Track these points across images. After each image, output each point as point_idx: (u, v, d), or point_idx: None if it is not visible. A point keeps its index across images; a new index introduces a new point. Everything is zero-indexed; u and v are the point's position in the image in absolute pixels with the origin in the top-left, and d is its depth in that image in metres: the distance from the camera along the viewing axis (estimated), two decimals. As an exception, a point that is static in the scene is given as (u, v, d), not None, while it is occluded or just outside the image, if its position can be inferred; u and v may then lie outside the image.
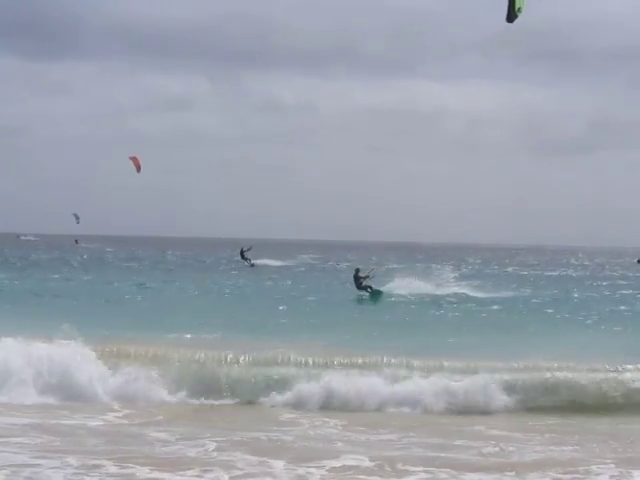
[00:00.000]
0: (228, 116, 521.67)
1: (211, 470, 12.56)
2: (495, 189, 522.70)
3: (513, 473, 12.81)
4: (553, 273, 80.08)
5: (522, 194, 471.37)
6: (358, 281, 41.82)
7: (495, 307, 38.41)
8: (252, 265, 72.92)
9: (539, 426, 16.63)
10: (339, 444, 14.58)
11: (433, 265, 77.56)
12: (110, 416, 16.57)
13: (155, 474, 12.29)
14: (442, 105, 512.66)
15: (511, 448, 14.53)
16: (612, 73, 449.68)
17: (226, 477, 12.31)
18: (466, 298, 41.95)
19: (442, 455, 13.87)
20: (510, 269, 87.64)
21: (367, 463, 13.13)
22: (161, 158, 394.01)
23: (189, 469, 12.52)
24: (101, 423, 15.91)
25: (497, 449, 14.44)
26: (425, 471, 12.81)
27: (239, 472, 12.55)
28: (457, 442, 14.92)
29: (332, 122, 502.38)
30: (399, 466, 12.99)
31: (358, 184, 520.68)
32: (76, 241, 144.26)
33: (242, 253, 75.27)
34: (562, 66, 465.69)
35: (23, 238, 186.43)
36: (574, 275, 76.97)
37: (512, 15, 10.53)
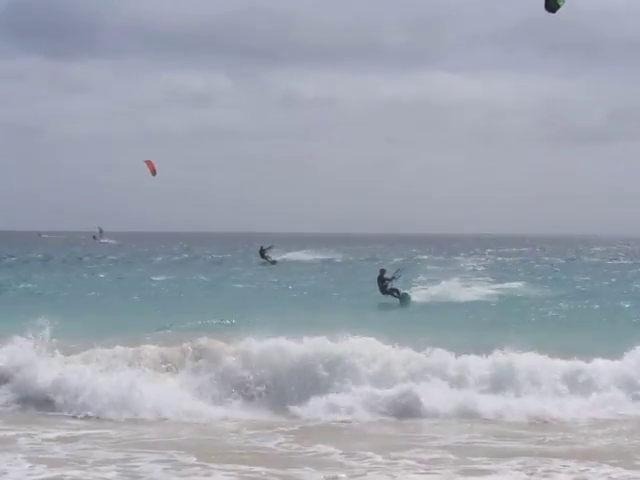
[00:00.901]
0: (248, 111, 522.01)
1: None
2: (515, 179, 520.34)
3: None
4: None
5: (542, 184, 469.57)
6: (383, 283, 36.07)
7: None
8: (274, 262, 70.74)
9: None
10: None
11: (462, 258, 76.21)
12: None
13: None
14: (461, 97, 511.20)
15: None
16: (632, 63, 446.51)
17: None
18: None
19: None
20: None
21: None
22: (181, 154, 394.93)
23: None
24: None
25: None
26: None
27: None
28: None
29: (351, 115, 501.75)
30: None
31: (377, 177, 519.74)
32: (94, 237, 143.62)
33: (262, 252, 72.96)
34: (582, 56, 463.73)
35: (44, 236, 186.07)
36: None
37: (552, 4, 10.56)
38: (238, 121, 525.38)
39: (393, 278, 36.21)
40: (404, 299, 35.54)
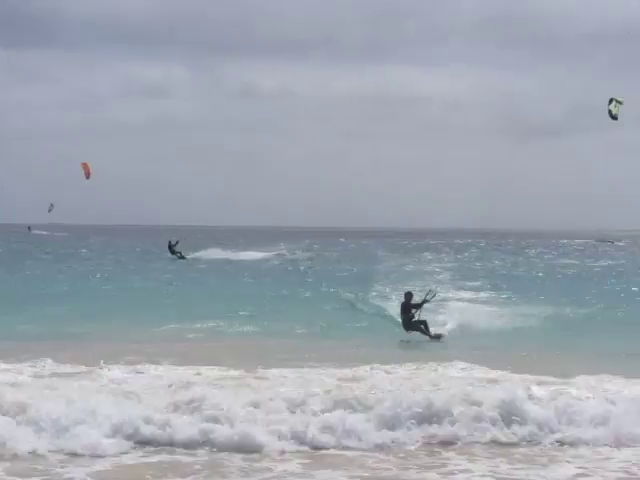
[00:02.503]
0: (204, 103, 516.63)
1: None
2: (470, 174, 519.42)
3: None
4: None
5: (500, 178, 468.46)
6: (408, 314, 25.50)
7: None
8: (182, 258, 66.75)
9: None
10: None
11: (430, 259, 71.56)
12: None
13: None
14: (418, 90, 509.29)
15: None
16: (588, 58, 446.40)
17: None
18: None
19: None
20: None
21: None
22: (136, 146, 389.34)
23: None
24: None
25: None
26: None
27: None
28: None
29: (307, 109, 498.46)
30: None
31: (332, 170, 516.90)
32: (29, 228, 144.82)
33: (170, 247, 69.08)
34: (539, 51, 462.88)
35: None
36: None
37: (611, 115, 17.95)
38: (194, 113, 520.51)
39: (424, 302, 25.60)
40: (438, 337, 25.22)
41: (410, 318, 25.33)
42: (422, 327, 25.20)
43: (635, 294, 41.16)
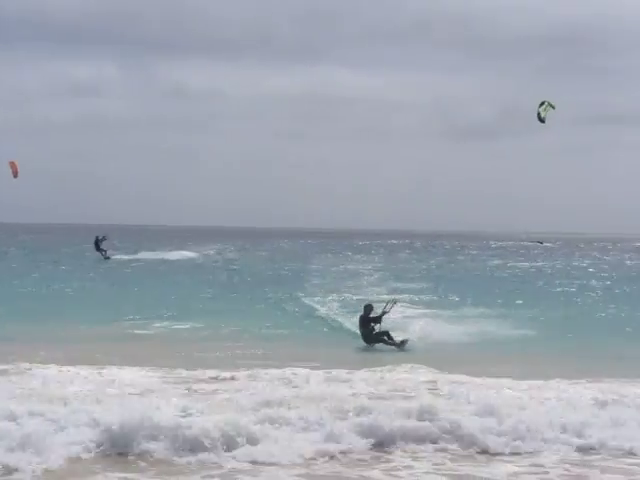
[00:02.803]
0: (136, 102, 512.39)
1: None
2: (403, 175, 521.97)
3: None
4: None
5: (434, 179, 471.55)
6: (368, 327, 24.44)
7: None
8: (107, 258, 63.45)
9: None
10: None
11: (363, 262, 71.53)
12: None
13: None
14: (356, 91, 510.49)
15: None
16: (520, 60, 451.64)
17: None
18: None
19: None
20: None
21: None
22: (66, 144, 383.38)
23: None
24: None
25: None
26: None
27: None
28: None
29: (240, 108, 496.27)
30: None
31: (266, 170, 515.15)
32: None
33: (97, 243, 65.25)
34: (474, 54, 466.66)
35: None
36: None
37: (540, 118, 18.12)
38: (125, 111, 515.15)
39: (384, 314, 24.50)
40: (404, 344, 24.06)
41: (370, 331, 24.28)
42: (385, 338, 24.07)
43: (572, 294, 42.13)
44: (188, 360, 19.77)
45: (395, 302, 25.53)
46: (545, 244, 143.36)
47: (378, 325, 24.27)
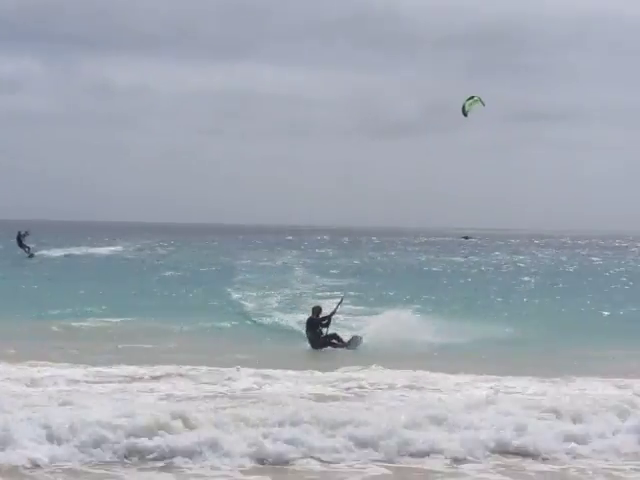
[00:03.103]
0: (58, 98, 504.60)
1: None
2: (326, 172, 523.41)
3: None
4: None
5: (358, 176, 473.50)
6: (316, 330, 22.86)
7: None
8: (31, 255, 60.29)
9: None
10: None
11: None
12: None
13: None
14: (277, 88, 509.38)
15: None
16: (443, 57, 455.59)
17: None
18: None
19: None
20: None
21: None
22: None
23: None
24: None
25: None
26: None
27: None
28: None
29: (164, 104, 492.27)
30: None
31: (189, 166, 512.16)
32: None
33: (19, 239, 61.08)
34: (399, 51, 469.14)
35: None
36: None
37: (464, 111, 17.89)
38: (49, 108, 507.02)
39: (333, 314, 23.00)
40: (356, 343, 22.84)
41: (318, 335, 22.64)
42: (334, 341, 22.72)
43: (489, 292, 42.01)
44: (110, 357, 19.35)
45: (342, 300, 23.99)
46: (470, 239, 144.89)
47: (325, 329, 22.75)
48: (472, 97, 19.79)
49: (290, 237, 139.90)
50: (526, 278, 51.63)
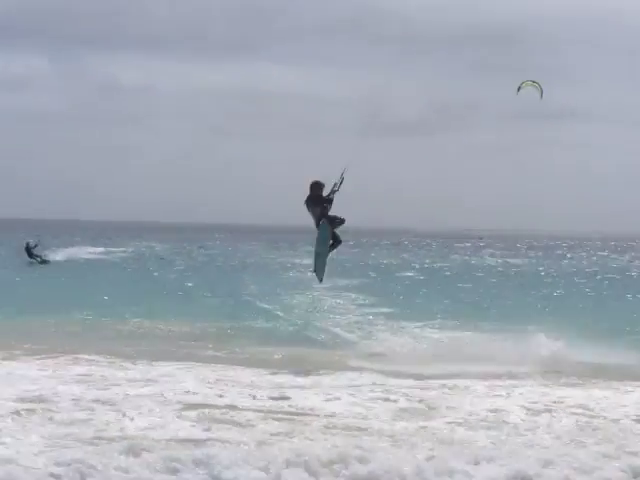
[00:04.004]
0: (68, 97, 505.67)
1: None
2: (336, 171, 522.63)
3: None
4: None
5: (361, 177, 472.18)
6: (319, 208, 19.60)
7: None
8: (44, 262, 57.19)
9: None
10: None
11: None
12: None
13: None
14: (289, 88, 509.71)
15: None
16: (452, 57, 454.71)
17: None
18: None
19: None
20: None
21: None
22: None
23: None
24: None
25: None
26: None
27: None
28: None
29: (174, 104, 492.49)
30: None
31: (202, 166, 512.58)
32: None
33: (28, 250, 58.17)
34: (405, 50, 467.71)
35: None
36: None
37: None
38: (57, 106, 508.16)
39: (333, 193, 19.42)
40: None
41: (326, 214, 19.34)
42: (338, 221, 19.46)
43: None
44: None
45: (342, 175, 19.57)
46: (481, 240, 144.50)
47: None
48: (534, 81, 18.85)
49: (299, 237, 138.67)
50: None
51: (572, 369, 19.30)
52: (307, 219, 19.38)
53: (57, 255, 63.17)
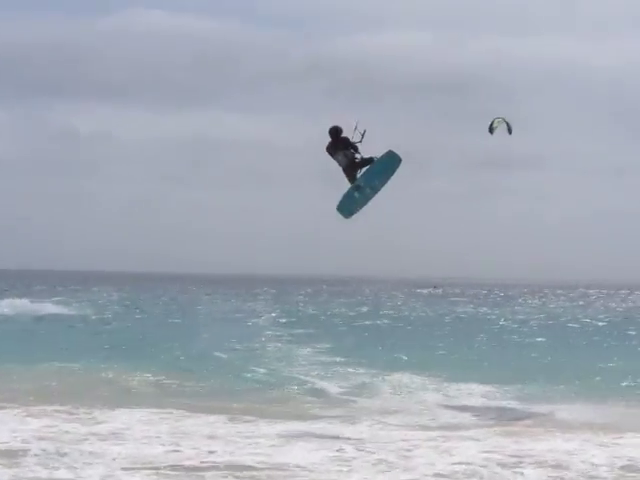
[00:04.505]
0: (21, 145, 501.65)
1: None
2: (289, 219, 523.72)
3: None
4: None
5: (313, 224, 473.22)
6: (343, 153, 19.67)
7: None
8: None
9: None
10: None
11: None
12: None
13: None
14: (243, 136, 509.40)
15: None
16: (407, 105, 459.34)
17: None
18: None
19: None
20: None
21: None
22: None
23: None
24: None
25: None
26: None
27: None
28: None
29: (130, 152, 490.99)
30: None
31: (154, 214, 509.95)
32: None
33: None
34: (364, 97, 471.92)
35: None
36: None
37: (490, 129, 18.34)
38: (11, 155, 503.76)
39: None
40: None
41: (352, 159, 19.17)
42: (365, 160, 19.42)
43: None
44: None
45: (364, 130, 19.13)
46: (437, 289, 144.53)
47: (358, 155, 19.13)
48: (500, 119, 19.36)
49: (259, 289, 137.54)
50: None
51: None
52: (267, 267, 19.60)
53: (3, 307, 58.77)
